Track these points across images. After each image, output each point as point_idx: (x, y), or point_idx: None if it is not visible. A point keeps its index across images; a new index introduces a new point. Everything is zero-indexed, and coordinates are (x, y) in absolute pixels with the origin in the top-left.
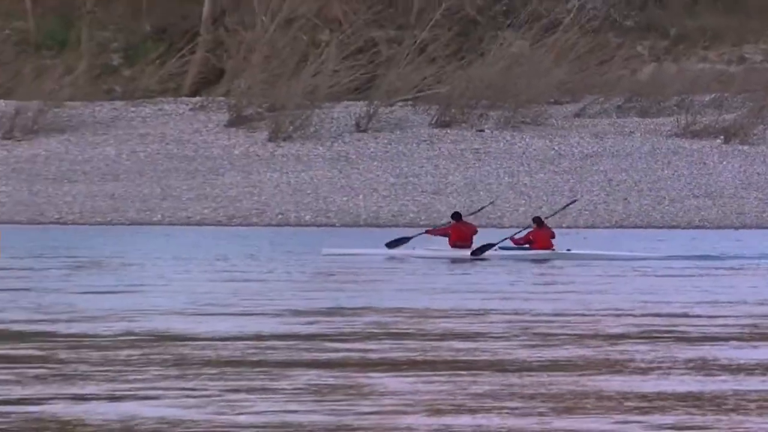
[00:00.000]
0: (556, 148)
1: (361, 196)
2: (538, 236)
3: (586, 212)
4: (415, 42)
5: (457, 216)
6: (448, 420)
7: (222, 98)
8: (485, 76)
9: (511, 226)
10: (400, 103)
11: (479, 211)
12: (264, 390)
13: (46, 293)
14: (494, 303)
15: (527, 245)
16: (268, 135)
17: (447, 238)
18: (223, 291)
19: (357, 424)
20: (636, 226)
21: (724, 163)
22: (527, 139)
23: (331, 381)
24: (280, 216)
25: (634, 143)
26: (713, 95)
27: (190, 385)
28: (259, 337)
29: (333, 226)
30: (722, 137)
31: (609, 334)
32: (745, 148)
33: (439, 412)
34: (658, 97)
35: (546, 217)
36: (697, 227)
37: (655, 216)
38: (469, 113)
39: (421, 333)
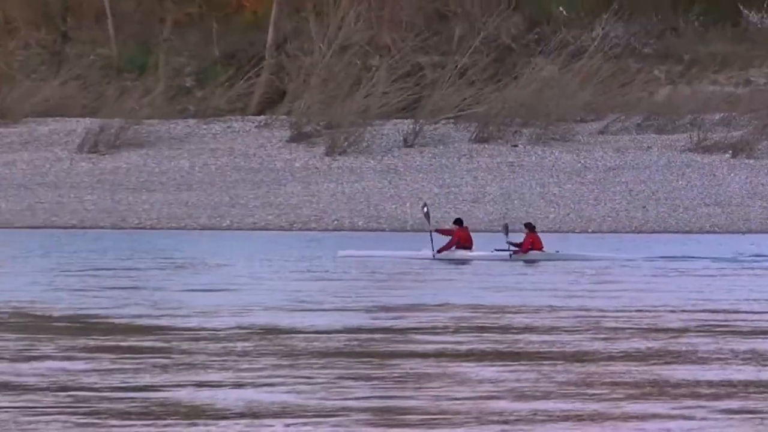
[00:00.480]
0: (582, 161)
1: (408, 204)
2: (534, 240)
3: (610, 219)
4: (457, 67)
5: (459, 222)
6: (536, 405)
7: (284, 117)
8: (519, 98)
9: (542, 231)
10: (443, 121)
11: (427, 216)
12: (368, 378)
13: (156, 291)
14: (559, 300)
15: (531, 248)
16: (326, 150)
17: (448, 240)
18: (312, 289)
19: (454, 409)
20: (653, 231)
21: (732, 175)
22: (556, 154)
23: (428, 370)
24: (335, 222)
25: (652, 157)
26: (722, 114)
27: (301, 373)
28: (358, 330)
29: (383, 231)
30: (730, 152)
31: (670, 328)
32: (751, 161)
33: (527, 397)
34: (673, 116)
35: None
36: (708, 232)
37: (671, 222)
38: (504, 130)
39: (500, 327)
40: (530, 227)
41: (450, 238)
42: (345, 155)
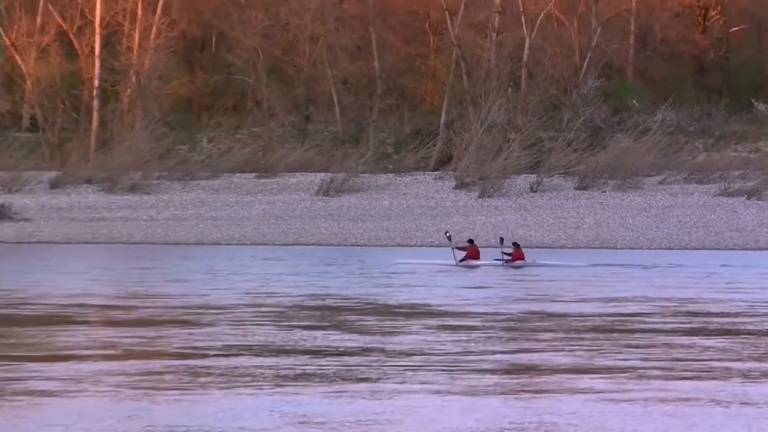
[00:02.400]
0: (648, 202)
1: (533, 230)
2: (518, 253)
3: (666, 240)
4: (565, 140)
5: (470, 241)
6: (749, 365)
7: (452, 172)
8: (606, 160)
9: (622, 248)
10: (556, 176)
11: (450, 239)
12: (632, 346)
13: (437, 287)
14: (722, 295)
15: (511, 258)
16: (479, 194)
17: (464, 254)
18: (538, 287)
19: (691, 367)
20: (694, 248)
21: (747, 211)
22: (631, 197)
23: (665, 341)
24: (485, 241)
25: (694, 199)
26: (740, 171)
27: (583, 344)
28: (602, 315)
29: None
30: (746, 196)
31: None
32: (760, 202)
33: (742, 360)
34: (707, 172)
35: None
36: (731, 249)
37: (707, 242)
38: (596, 181)
39: (697, 313)
40: (516, 245)
41: (465, 252)
42: (491, 197)
